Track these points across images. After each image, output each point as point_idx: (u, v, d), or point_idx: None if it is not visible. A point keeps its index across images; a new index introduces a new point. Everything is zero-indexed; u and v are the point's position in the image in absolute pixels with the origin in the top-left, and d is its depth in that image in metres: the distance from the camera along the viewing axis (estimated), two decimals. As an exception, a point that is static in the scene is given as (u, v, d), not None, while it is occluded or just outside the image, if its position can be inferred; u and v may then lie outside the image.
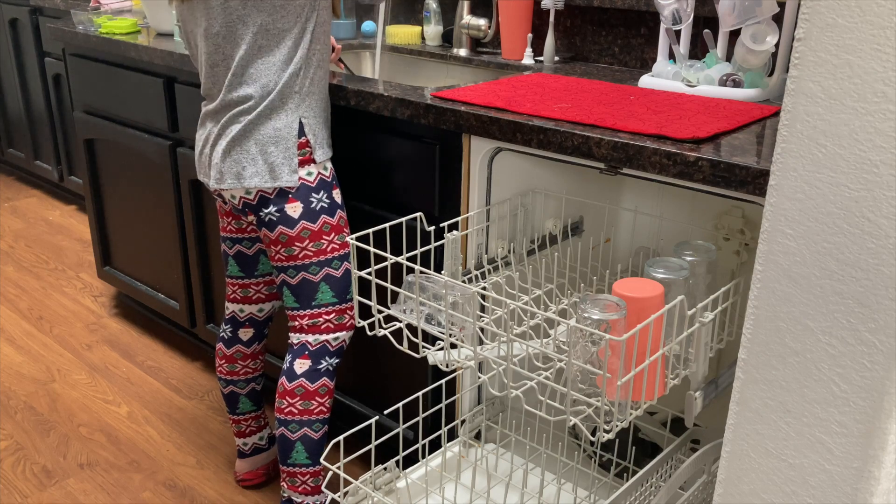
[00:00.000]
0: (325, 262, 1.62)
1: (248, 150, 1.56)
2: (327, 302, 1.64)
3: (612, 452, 1.63)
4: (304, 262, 1.61)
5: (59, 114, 3.57)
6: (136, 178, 2.43)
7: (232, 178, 1.58)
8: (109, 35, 2.29)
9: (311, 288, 1.63)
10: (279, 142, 1.55)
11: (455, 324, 1.26)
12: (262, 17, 1.50)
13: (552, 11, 1.97)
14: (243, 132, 1.55)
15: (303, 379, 1.65)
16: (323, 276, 1.62)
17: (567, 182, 1.67)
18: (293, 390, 1.65)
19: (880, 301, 0.90)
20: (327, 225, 1.61)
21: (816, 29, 0.89)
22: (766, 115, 1.42)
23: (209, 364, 2.51)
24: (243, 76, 1.53)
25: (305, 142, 1.57)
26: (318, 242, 1.61)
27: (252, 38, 1.51)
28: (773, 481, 1.06)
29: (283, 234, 1.59)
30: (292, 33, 1.51)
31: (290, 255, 1.61)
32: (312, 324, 1.65)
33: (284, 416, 1.67)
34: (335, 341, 1.67)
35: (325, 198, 1.60)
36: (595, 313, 1.08)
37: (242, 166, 1.57)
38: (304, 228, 1.59)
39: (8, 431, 2.17)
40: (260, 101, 1.53)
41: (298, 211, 1.58)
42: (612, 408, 1.09)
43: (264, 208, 1.59)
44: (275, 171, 1.56)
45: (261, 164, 1.56)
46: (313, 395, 1.66)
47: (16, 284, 3.05)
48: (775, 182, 0.96)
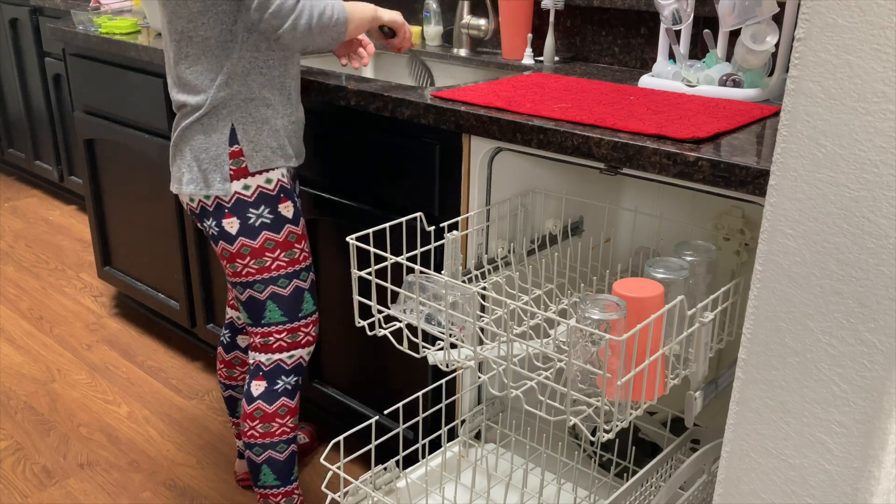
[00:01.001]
0: (269, 280, 1.56)
1: (184, 156, 1.52)
2: (276, 320, 1.59)
3: (612, 452, 1.63)
4: (247, 279, 1.56)
5: (59, 114, 3.57)
6: (136, 178, 2.43)
7: (175, 183, 1.55)
8: (109, 35, 2.29)
9: (257, 306, 1.58)
10: (209, 148, 1.49)
11: (455, 324, 1.26)
12: (182, 24, 1.45)
13: (552, 11, 1.97)
14: (181, 137, 1.52)
15: (260, 401, 1.61)
16: (269, 294, 1.57)
17: (567, 182, 1.67)
18: (252, 413, 1.62)
19: (880, 301, 0.90)
20: (270, 241, 1.54)
21: (816, 29, 0.89)
22: (766, 115, 1.42)
23: (209, 364, 2.51)
24: (178, 81, 1.50)
25: (238, 151, 1.49)
26: (260, 260, 1.54)
27: (177, 45, 1.47)
28: (773, 481, 1.06)
29: (225, 250, 1.55)
30: (219, 41, 1.44)
31: (235, 272, 1.56)
32: (264, 342, 1.61)
33: (248, 439, 1.64)
34: (290, 360, 1.62)
35: (268, 213, 1.53)
36: (595, 313, 1.08)
37: (182, 172, 1.53)
38: (244, 245, 1.53)
39: (8, 431, 2.17)
40: (194, 107, 1.48)
41: (235, 227, 1.52)
42: (612, 408, 1.09)
43: (205, 220, 1.54)
44: (207, 178, 1.50)
45: (195, 171, 1.51)
46: (273, 418, 1.62)
47: (16, 284, 3.05)
48: (775, 182, 0.96)
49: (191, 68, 1.46)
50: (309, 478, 2.00)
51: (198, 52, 1.45)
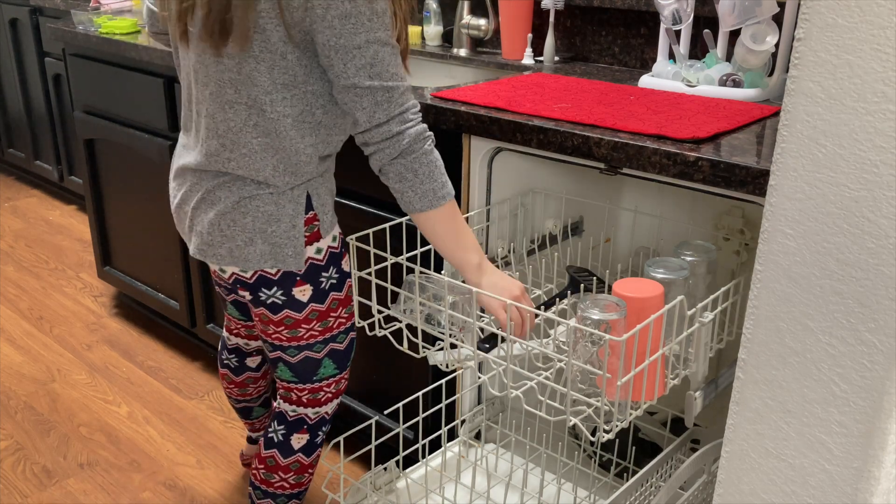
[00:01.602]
0: (330, 339, 1.45)
1: (243, 227, 1.31)
2: (329, 375, 1.49)
3: (612, 452, 1.63)
4: (310, 342, 1.43)
5: (59, 114, 3.57)
6: (136, 178, 2.43)
7: (224, 254, 1.34)
8: (109, 35, 2.29)
9: (313, 365, 1.46)
10: (282, 219, 1.31)
11: (455, 324, 1.26)
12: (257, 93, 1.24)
13: (552, 11, 1.97)
14: (238, 204, 1.31)
15: (300, 454, 1.52)
16: (327, 352, 1.46)
17: (567, 182, 1.67)
18: (288, 466, 1.51)
19: (880, 301, 0.90)
20: (335, 301, 1.42)
21: (816, 29, 0.89)
22: (766, 115, 1.42)
23: (209, 364, 2.51)
24: (233, 153, 1.29)
25: (313, 216, 1.34)
26: (325, 321, 1.42)
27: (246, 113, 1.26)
28: (773, 481, 1.06)
29: (289, 318, 1.40)
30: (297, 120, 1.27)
31: (294, 337, 1.42)
32: (312, 398, 1.50)
33: (274, 490, 1.53)
34: (332, 410, 1.54)
35: (335, 273, 1.41)
36: (595, 313, 1.08)
37: (236, 244, 1.32)
38: (313, 311, 1.40)
39: (8, 431, 2.17)
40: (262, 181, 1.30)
41: (308, 294, 1.38)
42: (612, 408, 1.09)
43: (265, 289, 1.37)
44: (277, 252, 1.32)
45: (260, 245, 1.32)
46: (307, 469, 1.54)
47: (16, 284, 3.05)
48: (775, 182, 0.96)
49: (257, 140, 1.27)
50: (309, 478, 2.00)
51: (269, 129, 1.26)
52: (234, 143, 1.29)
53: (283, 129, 1.26)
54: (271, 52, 1.21)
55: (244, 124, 1.27)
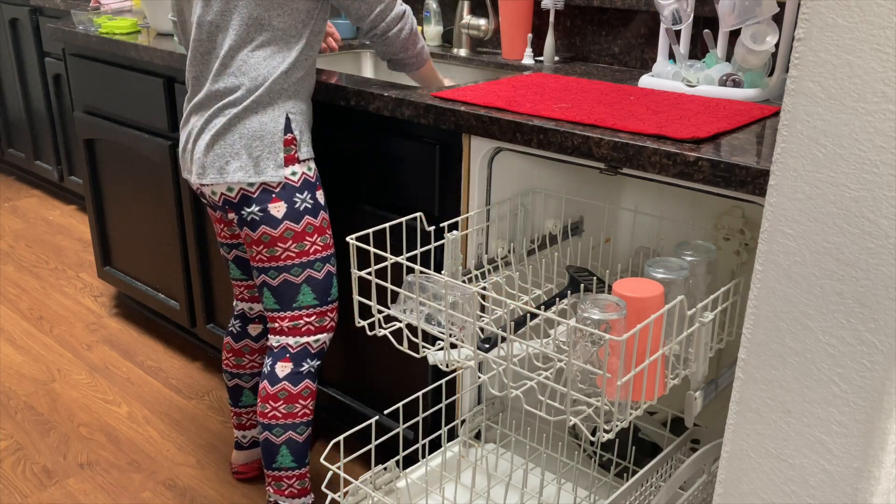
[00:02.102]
0: (307, 264, 1.59)
1: (231, 144, 1.53)
2: (308, 304, 1.62)
3: (612, 452, 1.63)
4: (287, 263, 1.59)
5: (59, 114, 3.57)
6: (136, 178, 2.43)
7: (214, 173, 1.55)
8: (109, 35, 2.29)
9: (292, 290, 1.61)
10: (264, 136, 1.52)
11: (455, 324, 1.26)
12: (259, 11, 1.48)
13: (552, 11, 1.97)
14: (228, 125, 1.52)
15: (286, 382, 1.64)
16: (305, 277, 1.60)
17: (567, 182, 1.67)
18: (276, 394, 1.64)
19: (880, 301, 0.90)
20: (310, 226, 1.58)
21: (816, 29, 0.89)
22: (766, 115, 1.42)
23: (209, 364, 2.51)
24: (231, 66, 1.51)
25: (292, 139, 1.54)
26: (300, 244, 1.58)
27: (244, 29, 1.49)
28: (773, 481, 1.06)
29: (266, 234, 1.56)
30: (287, 33, 1.50)
31: (272, 256, 1.58)
32: (293, 326, 1.64)
33: (268, 420, 1.66)
34: (316, 343, 1.66)
35: (309, 198, 1.57)
36: (595, 313, 1.08)
37: (226, 160, 1.53)
38: (288, 229, 1.56)
39: (8, 431, 2.17)
40: (247, 93, 1.51)
41: (282, 211, 1.55)
42: (612, 408, 1.09)
43: (246, 207, 1.55)
44: (259, 165, 1.53)
45: (245, 159, 1.52)
46: (296, 398, 1.65)
47: (16, 284, 3.05)
48: (775, 182, 0.96)
49: (254, 52, 1.50)
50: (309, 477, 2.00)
51: (265, 40, 1.49)
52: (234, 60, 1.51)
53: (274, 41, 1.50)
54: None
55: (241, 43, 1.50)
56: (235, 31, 1.50)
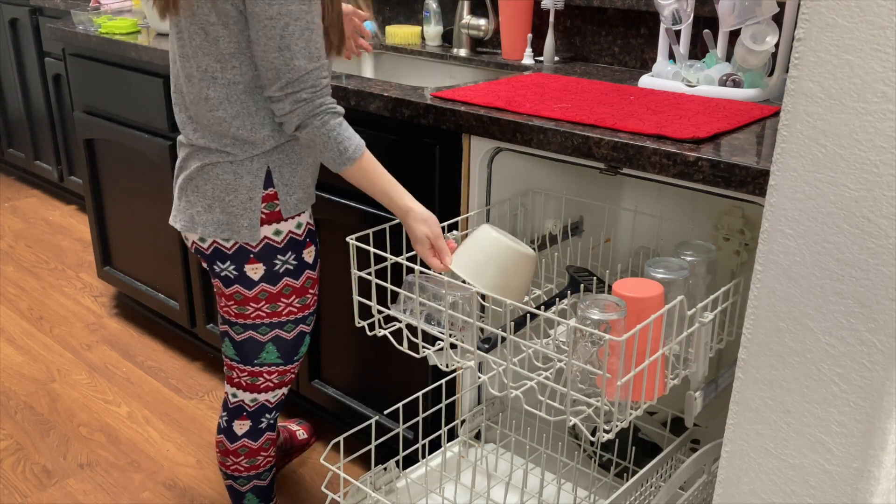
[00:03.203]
0: (277, 325, 1.46)
1: (204, 194, 1.37)
2: (271, 362, 1.50)
3: (612, 452, 1.63)
4: (255, 321, 1.45)
5: (59, 114, 3.57)
6: (136, 178, 2.43)
7: (184, 220, 1.40)
8: (109, 35, 2.29)
9: (256, 347, 1.48)
10: (239, 191, 1.35)
11: (455, 324, 1.26)
12: (208, 63, 1.30)
13: (552, 11, 1.97)
14: (200, 171, 1.36)
15: (245, 440, 1.56)
16: (272, 337, 1.47)
17: (567, 182, 1.67)
18: (237, 450, 1.57)
19: (880, 301, 0.90)
20: (288, 287, 1.44)
21: (816, 29, 0.89)
22: (766, 115, 1.42)
23: (209, 364, 2.51)
24: (196, 123, 1.36)
25: (273, 194, 1.37)
26: (274, 305, 1.44)
27: (199, 85, 1.32)
28: (773, 481, 1.06)
29: (238, 293, 1.42)
30: (248, 87, 1.31)
31: (241, 314, 1.45)
32: (251, 382, 1.52)
33: (231, 472, 1.60)
34: (274, 399, 1.55)
35: (293, 259, 1.43)
36: (595, 313, 1.08)
37: (196, 210, 1.38)
38: (263, 290, 1.42)
39: (8, 431, 2.17)
40: (220, 145, 1.34)
41: (259, 273, 1.40)
42: (612, 408, 1.09)
43: (220, 262, 1.41)
44: (233, 224, 1.36)
45: (217, 213, 1.36)
46: (258, 452, 1.58)
47: (16, 284, 3.05)
48: (775, 182, 0.96)
49: (212, 113, 1.32)
50: (309, 477, 2.00)
51: (221, 97, 1.31)
52: (196, 114, 1.35)
53: (235, 96, 1.31)
54: (213, 23, 1.28)
55: (200, 95, 1.33)
56: (192, 83, 1.33)
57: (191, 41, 1.31)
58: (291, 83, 1.26)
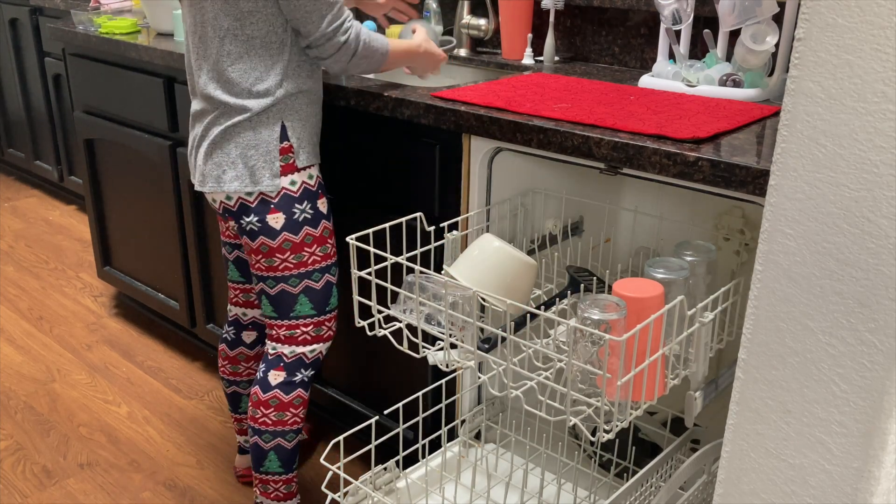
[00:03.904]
0: (305, 275, 1.58)
1: (228, 153, 1.52)
2: (305, 314, 1.61)
3: (612, 452, 1.63)
4: (284, 273, 1.58)
5: (59, 114, 3.57)
6: (136, 178, 2.43)
7: (213, 182, 1.55)
8: (109, 35, 2.29)
9: (289, 299, 1.60)
10: (259, 145, 1.50)
11: (455, 324, 1.26)
12: (228, 21, 1.45)
13: (552, 11, 1.97)
14: (224, 134, 1.51)
15: (277, 390, 1.63)
16: (302, 288, 1.59)
17: (567, 182, 1.67)
18: (268, 401, 1.64)
19: (880, 301, 0.90)
20: (310, 237, 1.57)
21: (816, 29, 0.89)
22: (766, 115, 1.42)
23: (209, 364, 2.51)
24: (218, 80, 1.50)
25: (288, 147, 1.52)
26: (299, 254, 1.57)
27: (220, 42, 1.47)
28: (773, 481, 1.06)
29: (264, 245, 1.56)
30: (266, 41, 1.47)
31: (270, 266, 1.58)
32: (289, 335, 1.63)
33: (258, 426, 1.65)
34: (311, 353, 1.65)
35: (309, 208, 1.56)
36: (595, 313, 1.08)
37: (223, 169, 1.53)
38: (286, 240, 1.55)
39: (8, 431, 2.17)
40: (239, 105, 1.49)
41: (280, 222, 1.54)
42: (612, 408, 1.09)
43: (245, 216, 1.55)
44: (255, 175, 1.51)
45: (241, 168, 1.52)
46: (287, 407, 1.64)
47: (16, 284, 3.05)
48: (775, 182, 0.96)
49: (234, 66, 1.47)
50: (309, 478, 2.00)
51: (241, 51, 1.47)
52: (218, 70, 1.49)
53: (253, 50, 1.47)
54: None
55: (222, 52, 1.48)
56: (214, 43, 1.48)
57: (212, 4, 1.45)
58: (337, 17, 1.45)
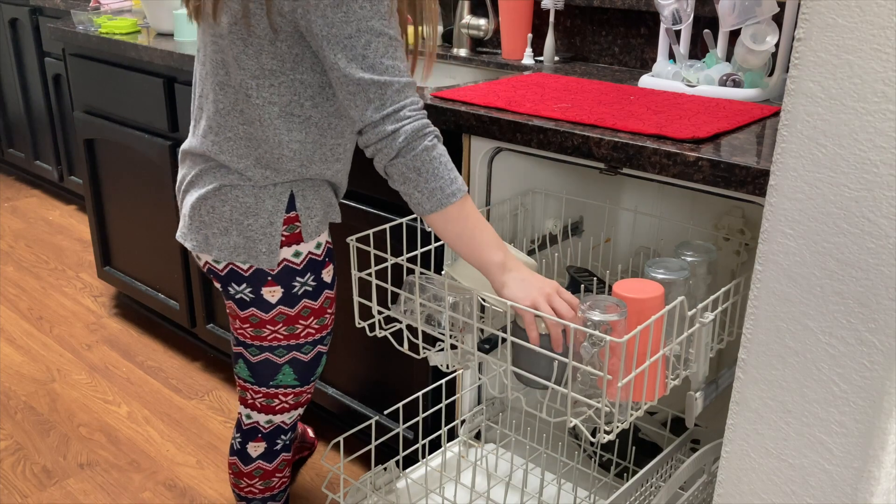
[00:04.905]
0: (294, 347, 1.39)
1: (220, 216, 1.28)
2: (287, 384, 1.42)
3: (612, 452, 1.63)
4: (272, 343, 1.37)
5: (59, 114, 3.57)
6: (136, 178, 2.43)
7: (198, 241, 1.32)
8: (109, 35, 2.29)
9: (272, 369, 1.40)
10: (260, 214, 1.27)
11: (455, 324, 1.26)
12: (243, 78, 1.20)
13: (552, 11, 1.97)
14: (217, 192, 1.27)
15: (260, 461, 1.49)
16: (289, 359, 1.40)
17: (567, 182, 1.67)
18: (251, 472, 1.50)
19: (880, 301, 0.90)
20: (307, 309, 1.36)
21: (816, 29, 0.89)
22: (766, 115, 1.42)
23: (209, 364, 2.51)
24: (221, 132, 1.26)
25: (295, 217, 1.29)
26: (292, 327, 1.36)
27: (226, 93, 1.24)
28: (773, 481, 1.06)
29: (254, 316, 1.34)
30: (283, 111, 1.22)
31: (257, 336, 1.37)
32: (266, 403, 1.44)
33: (245, 495, 1.53)
34: (290, 420, 1.48)
35: (312, 280, 1.34)
36: (596, 314, 1.08)
37: (212, 231, 1.29)
38: (281, 313, 1.34)
39: (8, 431, 2.17)
40: (242, 164, 1.26)
41: (277, 296, 1.32)
42: (613, 409, 1.09)
43: (235, 284, 1.33)
44: (252, 248, 1.28)
45: (234, 236, 1.28)
46: (273, 474, 1.51)
47: (16, 284, 3.05)
48: (775, 182, 0.96)
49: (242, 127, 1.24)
50: (309, 478, 2.00)
51: (253, 116, 1.23)
52: (220, 127, 1.25)
53: (267, 118, 1.21)
54: (259, 35, 1.17)
55: (231, 108, 1.24)
56: (228, 91, 1.24)
57: (231, 47, 1.19)
58: (390, 101, 1.12)
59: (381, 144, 1.14)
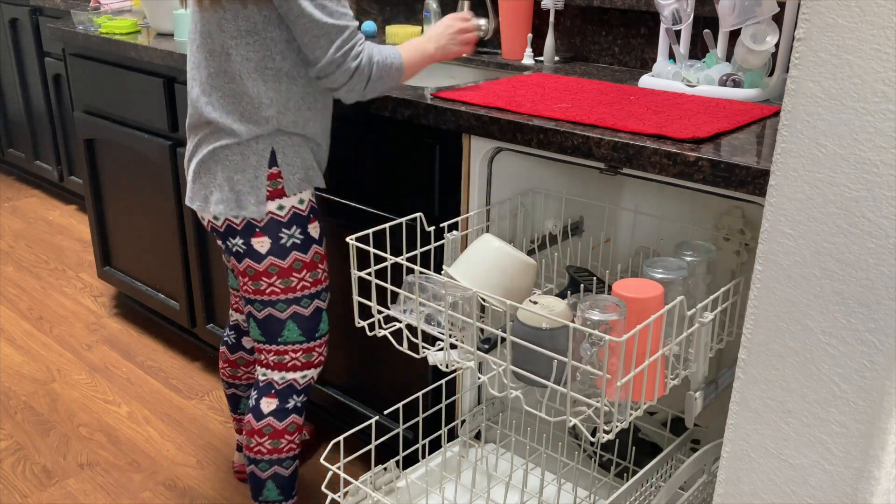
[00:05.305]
0: (293, 300, 1.55)
1: (214, 176, 1.49)
2: (294, 340, 1.58)
3: (612, 452, 1.63)
4: (271, 298, 1.54)
5: (59, 114, 3.57)
6: (136, 178, 2.43)
7: (200, 201, 1.52)
8: (109, 35, 2.29)
9: (277, 325, 1.57)
10: (246, 170, 1.47)
11: (455, 324, 1.26)
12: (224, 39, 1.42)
13: (552, 11, 1.97)
14: (212, 155, 1.49)
15: (271, 418, 1.60)
16: (290, 314, 1.56)
17: (567, 182, 1.67)
18: (261, 429, 1.60)
19: (880, 301, 0.90)
20: (298, 262, 1.53)
21: (816, 29, 0.89)
22: (766, 115, 1.42)
23: (209, 364, 2.51)
24: (211, 96, 1.46)
25: (277, 173, 1.48)
26: (286, 280, 1.53)
27: (215, 59, 1.44)
28: (773, 481, 1.06)
29: (250, 268, 1.53)
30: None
31: (257, 290, 1.54)
32: (278, 360, 1.60)
33: (254, 455, 1.63)
34: (303, 379, 1.62)
35: (299, 233, 1.52)
36: (595, 314, 1.08)
37: (210, 190, 1.50)
38: (272, 265, 1.52)
39: (8, 431, 2.17)
40: (230, 125, 1.46)
41: (266, 246, 1.51)
42: (612, 408, 1.09)
43: (231, 238, 1.52)
44: (240, 200, 1.48)
45: (227, 191, 1.48)
46: (282, 434, 1.61)
47: (16, 284, 3.05)
48: (775, 182, 0.96)
49: (228, 85, 1.44)
50: (309, 478, 2.00)
51: (234, 72, 1.43)
52: (211, 88, 1.47)
53: (245, 73, 1.43)
54: (234, 1, 1.40)
55: (217, 70, 1.45)
56: (214, 56, 1.44)
57: (214, 17, 1.42)
58: (347, 41, 1.40)
59: (353, 80, 1.43)
